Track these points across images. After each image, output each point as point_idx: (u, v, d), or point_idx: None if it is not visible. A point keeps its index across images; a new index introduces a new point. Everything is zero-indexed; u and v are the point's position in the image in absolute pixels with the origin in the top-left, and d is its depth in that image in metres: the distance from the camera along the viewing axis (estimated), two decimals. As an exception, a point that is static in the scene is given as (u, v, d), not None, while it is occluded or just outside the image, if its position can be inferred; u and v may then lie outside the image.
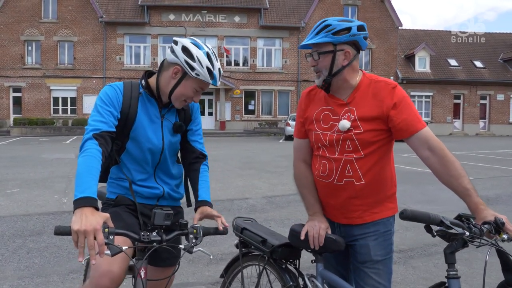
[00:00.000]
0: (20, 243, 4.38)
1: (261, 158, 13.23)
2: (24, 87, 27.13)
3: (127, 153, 1.83)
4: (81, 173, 1.47)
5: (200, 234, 1.62)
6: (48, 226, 5.05)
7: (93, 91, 27.41)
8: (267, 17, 28.43)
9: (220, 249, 4.23)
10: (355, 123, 1.70)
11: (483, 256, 1.43)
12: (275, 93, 29.23)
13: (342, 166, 1.73)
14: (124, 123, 1.76)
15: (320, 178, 1.82)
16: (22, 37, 26.91)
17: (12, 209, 5.89)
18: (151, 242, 1.55)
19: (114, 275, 1.61)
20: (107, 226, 1.38)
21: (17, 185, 7.81)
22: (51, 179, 8.57)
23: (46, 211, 5.78)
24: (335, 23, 1.69)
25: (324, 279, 1.81)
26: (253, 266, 2.08)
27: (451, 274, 1.40)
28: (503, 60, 31.85)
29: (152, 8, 27.72)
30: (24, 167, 10.41)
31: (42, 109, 27.21)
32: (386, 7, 29.55)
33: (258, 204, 6.42)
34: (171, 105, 1.85)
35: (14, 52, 26.92)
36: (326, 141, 1.76)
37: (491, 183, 8.73)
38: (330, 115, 1.77)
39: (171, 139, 1.87)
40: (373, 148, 1.71)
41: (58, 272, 3.61)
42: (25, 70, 27.04)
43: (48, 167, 10.36)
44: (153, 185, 1.87)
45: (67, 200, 6.53)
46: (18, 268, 3.68)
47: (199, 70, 1.70)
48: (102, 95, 1.74)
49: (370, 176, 1.72)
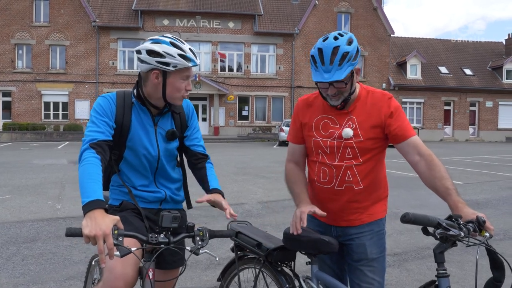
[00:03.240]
0: (14, 250, 4.29)
1: (256, 163, 13.21)
2: (14, 91, 26.79)
3: (126, 161, 1.86)
4: (84, 180, 1.50)
5: (207, 237, 1.63)
6: (43, 232, 4.96)
7: (86, 96, 27.21)
8: (261, 23, 28.58)
9: (217, 253, 4.20)
10: (355, 132, 1.80)
11: (474, 258, 1.46)
12: (269, 99, 29.31)
13: (343, 172, 1.82)
14: (120, 133, 1.78)
15: (320, 184, 1.89)
16: (13, 41, 26.62)
17: (4, 216, 5.78)
18: (159, 244, 1.57)
19: (128, 277, 1.64)
20: (117, 228, 1.41)
21: (9, 191, 7.68)
22: (43, 185, 8.44)
23: (40, 218, 5.68)
24: (349, 48, 1.69)
25: (319, 280, 1.86)
26: (249, 269, 2.10)
27: (440, 273, 1.45)
28: (492, 68, 32.51)
29: (146, 13, 27.69)
30: (15, 173, 10.24)
31: (32, 114, 26.88)
32: (378, 15, 29.92)
33: (254, 209, 6.41)
34: (165, 111, 1.86)
35: (4, 56, 26.62)
36: (327, 148, 1.84)
37: (480, 187, 8.87)
38: (329, 123, 1.85)
39: (167, 146, 1.89)
40: (371, 155, 1.82)
41: (54, 279, 3.54)
42: (15, 74, 26.73)
43: (40, 173, 10.21)
44: (154, 189, 1.90)
45: (61, 206, 6.43)
46: (13, 276, 3.59)
47: (174, 61, 1.69)
48: (96, 106, 1.77)
49: (367, 180, 1.83)
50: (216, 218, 5.57)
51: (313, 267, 1.86)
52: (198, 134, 2.00)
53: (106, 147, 1.67)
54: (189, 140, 1.96)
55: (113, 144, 1.75)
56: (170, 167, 1.93)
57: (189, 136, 1.96)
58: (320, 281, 1.86)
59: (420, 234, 1.50)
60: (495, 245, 1.42)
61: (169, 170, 1.92)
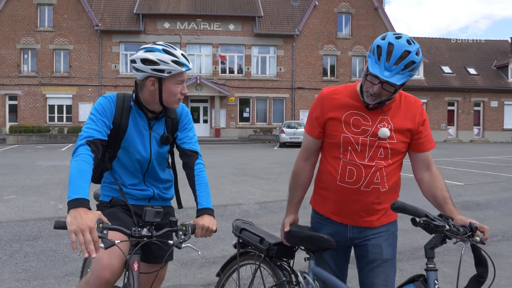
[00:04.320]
0: (17, 247, 4.49)
1: (255, 165, 13.33)
2: (20, 95, 27.18)
3: (118, 160, 1.97)
4: (74, 176, 1.60)
5: (189, 231, 1.74)
6: (44, 231, 5.16)
7: (89, 99, 27.50)
8: (261, 25, 28.71)
9: (212, 252, 4.36)
10: (390, 133, 1.77)
11: (469, 260, 1.58)
12: (269, 101, 29.42)
13: (373, 173, 1.78)
14: (116, 133, 1.88)
15: (344, 183, 1.81)
16: (18, 46, 27.03)
17: (8, 215, 5.99)
18: (142, 237, 1.68)
19: (115, 268, 1.73)
20: (101, 222, 1.51)
21: (13, 191, 7.90)
22: (46, 185, 8.66)
23: (42, 217, 5.88)
24: (416, 58, 1.62)
25: (315, 275, 1.90)
26: (248, 266, 2.20)
27: (429, 267, 1.53)
28: (496, 67, 31.94)
29: (147, 16, 27.95)
30: (20, 174, 10.48)
31: (38, 117, 27.25)
32: (379, 15, 29.88)
33: (251, 210, 6.54)
34: (161, 116, 1.96)
35: (10, 60, 27.03)
36: (358, 145, 1.77)
37: (482, 189, 8.81)
38: (361, 120, 1.78)
39: (159, 150, 1.99)
40: (398, 158, 1.83)
41: (54, 275, 3.72)
42: (21, 78, 27.13)
43: (44, 174, 10.44)
44: (143, 188, 2.02)
45: (62, 206, 6.63)
46: (15, 271, 3.78)
47: (168, 68, 1.78)
48: (96, 105, 1.87)
49: (391, 182, 1.82)
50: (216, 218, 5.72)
51: (310, 262, 1.91)
52: (190, 133, 2.04)
53: (100, 146, 1.76)
54: (180, 139, 2.02)
55: (108, 143, 1.84)
56: (160, 169, 2.03)
57: (179, 135, 2.03)
58: (316, 275, 1.89)
59: (415, 234, 1.66)
60: (493, 246, 1.58)
61: (158, 172, 2.02)
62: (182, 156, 2.03)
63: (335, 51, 29.67)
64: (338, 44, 29.67)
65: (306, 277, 1.90)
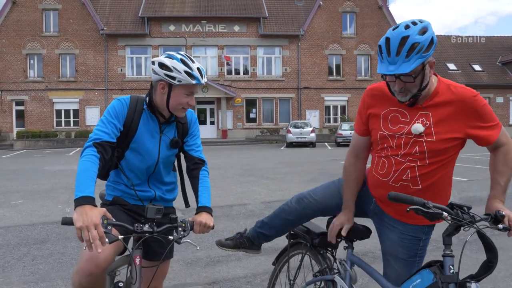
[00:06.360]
0: (25, 251, 4.51)
1: (262, 165, 13.33)
2: (27, 100, 27.46)
3: (126, 160, 2.02)
4: (81, 175, 1.67)
5: (188, 228, 1.80)
6: (52, 234, 5.18)
7: (95, 103, 27.70)
8: (266, 26, 28.76)
9: (217, 251, 4.33)
10: (428, 130, 1.65)
11: (484, 255, 1.57)
12: (276, 101, 29.44)
13: (402, 170, 1.71)
14: (126, 134, 1.94)
15: (376, 174, 1.82)
16: (24, 51, 27.32)
17: (16, 220, 6.03)
18: (144, 233, 1.74)
19: (99, 260, 1.75)
20: (106, 218, 1.59)
21: (21, 196, 7.96)
22: (54, 190, 8.71)
23: (50, 221, 5.90)
24: (420, 38, 1.54)
25: (352, 263, 2.02)
26: (299, 255, 2.35)
27: (446, 253, 1.55)
28: (502, 63, 32.00)
29: (152, 19, 28.10)
30: (27, 179, 10.56)
31: (45, 122, 27.51)
32: (384, 13, 29.83)
33: (257, 210, 6.52)
34: (172, 120, 2.01)
35: (16, 66, 27.31)
36: (394, 144, 1.73)
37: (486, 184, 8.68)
38: (399, 117, 1.72)
39: (167, 153, 2.04)
40: (440, 158, 1.68)
41: (62, 277, 3.74)
42: (27, 84, 27.40)
43: (51, 179, 10.51)
44: (146, 189, 2.06)
45: (70, 209, 6.66)
46: (23, 274, 3.80)
47: (179, 77, 1.86)
48: (110, 107, 1.94)
49: (428, 183, 1.71)
50: (219, 218, 5.72)
51: (349, 251, 2.04)
52: (198, 140, 2.13)
53: (108, 148, 1.83)
54: (188, 145, 2.09)
55: (118, 144, 1.91)
56: (165, 172, 2.09)
57: (189, 141, 2.09)
58: (353, 263, 2.01)
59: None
60: (494, 240, 1.56)
61: (163, 174, 2.08)
62: (188, 161, 2.09)
63: (340, 50, 29.62)
64: (343, 43, 29.61)
65: (344, 264, 2.03)
